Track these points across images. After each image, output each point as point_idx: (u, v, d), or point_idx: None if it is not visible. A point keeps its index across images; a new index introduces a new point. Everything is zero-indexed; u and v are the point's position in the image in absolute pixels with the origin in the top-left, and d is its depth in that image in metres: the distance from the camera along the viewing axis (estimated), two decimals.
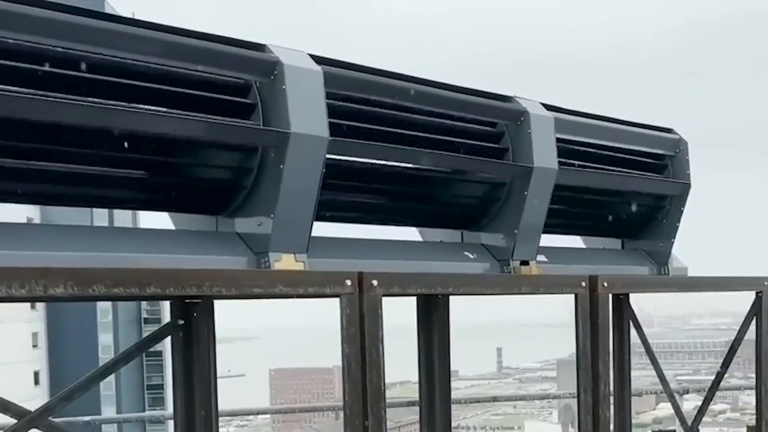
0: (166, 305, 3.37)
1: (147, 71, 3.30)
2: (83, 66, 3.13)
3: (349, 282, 3.13)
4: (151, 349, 3.67)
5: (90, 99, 3.08)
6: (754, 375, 4.64)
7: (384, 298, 3.20)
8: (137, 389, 59.42)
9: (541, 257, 4.31)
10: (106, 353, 54.86)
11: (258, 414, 8.37)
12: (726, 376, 4.75)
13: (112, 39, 3.12)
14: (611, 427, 3.90)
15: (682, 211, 4.99)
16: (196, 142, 3.45)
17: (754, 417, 4.77)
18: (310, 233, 3.57)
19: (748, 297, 4.67)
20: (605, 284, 3.74)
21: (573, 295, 3.74)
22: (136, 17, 3.31)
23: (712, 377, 4.79)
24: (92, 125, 3.12)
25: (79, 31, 3.03)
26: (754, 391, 4.65)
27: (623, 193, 4.91)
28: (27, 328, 52.65)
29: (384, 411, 3.16)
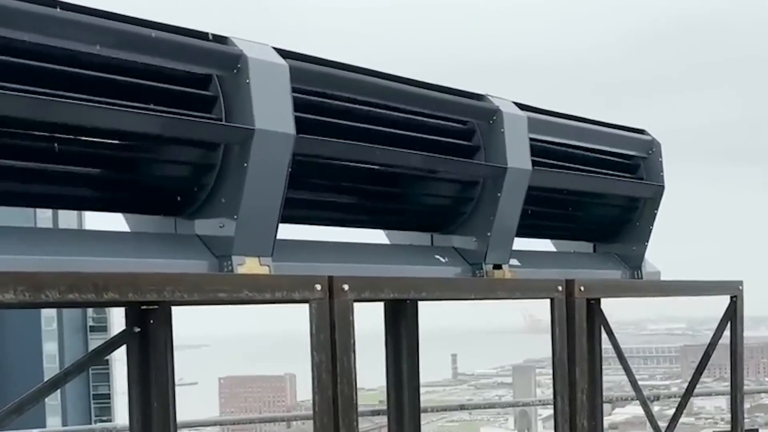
0: (113, 312, 3.22)
1: (101, 63, 3.11)
2: (32, 56, 2.93)
3: (319, 287, 3.00)
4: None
5: (40, 92, 2.89)
6: (708, 380, 4.58)
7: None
8: (83, 399, 58.52)
9: (513, 261, 4.19)
10: (50, 362, 54.00)
11: (216, 425, 8.16)
12: (679, 381, 4.69)
13: (62, 27, 2.93)
14: None
15: (655, 214, 4.90)
16: (154, 138, 3.27)
17: (708, 422, 4.71)
18: (276, 236, 3.41)
19: (701, 303, 4.62)
20: (582, 288, 3.65)
21: (548, 300, 3.63)
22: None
23: (667, 382, 4.72)
24: (41, 119, 2.94)
25: (28, 19, 2.83)
26: (708, 397, 4.58)
27: (596, 196, 4.82)
28: None
29: (356, 422, 3.02)
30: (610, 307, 4.35)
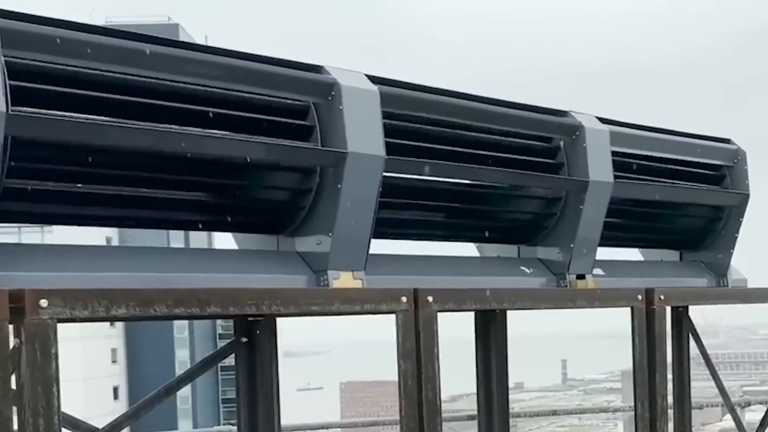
0: None
1: (211, 95, 3.40)
2: (151, 92, 3.24)
3: (404, 299, 3.18)
4: (226, 364, 3.76)
5: (158, 124, 3.19)
6: None
7: (448, 313, 3.25)
8: (213, 404, 60.10)
9: (598, 271, 4.31)
10: (183, 368, 55.49)
11: (324, 429, 8.48)
12: None
13: (179, 65, 3.23)
14: None
15: (740, 222, 4.93)
16: (258, 163, 3.53)
17: None
18: (368, 251, 3.63)
19: None
20: (662, 297, 3.73)
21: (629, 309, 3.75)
22: (209, 41, 3.41)
23: None
24: (162, 150, 3.23)
25: (149, 59, 3.14)
26: None
27: (680, 205, 4.89)
28: (106, 344, 53.89)
29: (440, 426, 3.21)
30: (720, 312, 4.40)
